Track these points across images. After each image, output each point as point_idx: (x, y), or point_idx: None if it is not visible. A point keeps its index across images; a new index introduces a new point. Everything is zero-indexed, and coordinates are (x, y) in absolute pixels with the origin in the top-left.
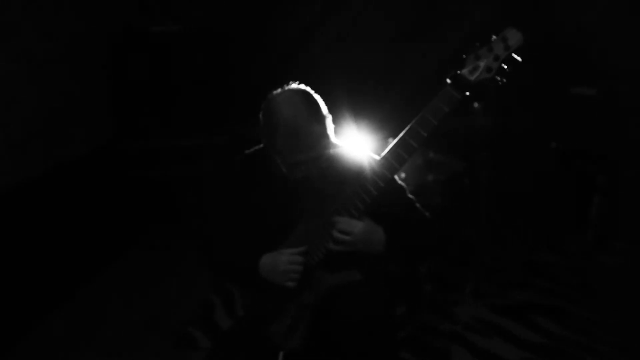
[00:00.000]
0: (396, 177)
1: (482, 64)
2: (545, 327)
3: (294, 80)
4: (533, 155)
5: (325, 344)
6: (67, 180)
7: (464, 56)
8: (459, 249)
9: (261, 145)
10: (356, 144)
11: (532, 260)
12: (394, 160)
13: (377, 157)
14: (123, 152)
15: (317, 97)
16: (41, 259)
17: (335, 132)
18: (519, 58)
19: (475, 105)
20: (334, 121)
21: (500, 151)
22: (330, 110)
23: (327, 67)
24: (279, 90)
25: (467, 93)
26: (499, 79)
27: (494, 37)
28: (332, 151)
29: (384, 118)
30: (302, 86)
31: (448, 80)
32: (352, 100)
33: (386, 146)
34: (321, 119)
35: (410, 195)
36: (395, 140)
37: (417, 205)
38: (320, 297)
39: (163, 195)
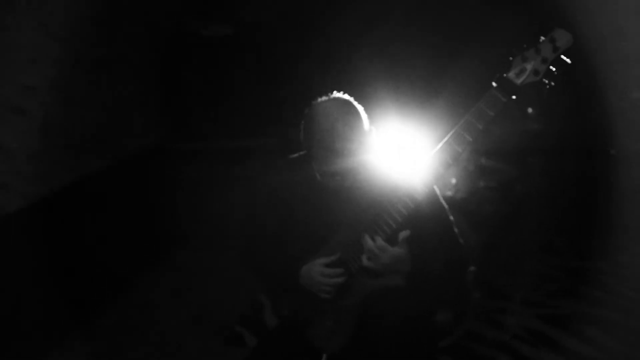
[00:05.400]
0: (438, 193)
1: (529, 66)
2: (597, 339)
3: (342, 85)
4: (590, 161)
5: (366, 347)
6: (121, 178)
7: (511, 58)
8: (510, 256)
9: (304, 151)
10: (398, 154)
11: (585, 269)
12: (439, 165)
13: (419, 166)
14: (175, 152)
15: (359, 108)
16: (92, 256)
17: (379, 140)
18: (568, 60)
19: (529, 110)
20: (379, 127)
21: (555, 157)
22: (376, 116)
23: (375, 71)
24: (323, 98)
25: (514, 97)
26: (546, 82)
27: (542, 38)
28: (369, 162)
29: (432, 122)
30: (345, 96)
31: (493, 84)
32: (400, 105)
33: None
34: (359, 130)
35: (451, 217)
36: (440, 145)
37: (455, 230)
38: (361, 301)
39: (213, 195)
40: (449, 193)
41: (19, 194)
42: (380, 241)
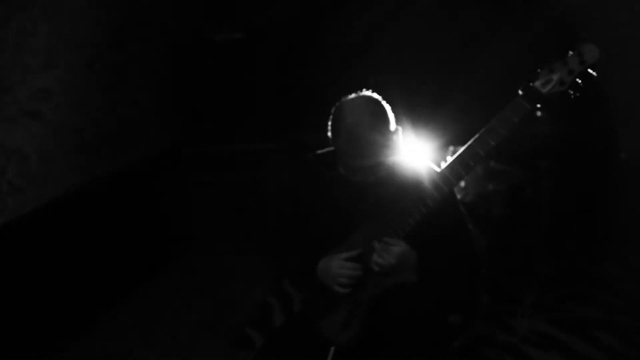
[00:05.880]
0: (458, 196)
1: (555, 77)
2: (607, 343)
3: (357, 86)
4: (600, 165)
5: (376, 341)
6: (133, 181)
7: (539, 70)
8: (519, 259)
9: (332, 148)
10: (419, 154)
11: (595, 273)
12: (461, 167)
13: (440, 168)
14: (186, 155)
15: (386, 107)
16: (104, 257)
17: (404, 140)
18: (594, 73)
19: (539, 113)
20: (405, 127)
21: (565, 160)
22: (400, 117)
23: (387, 73)
24: (352, 95)
25: (538, 105)
26: (571, 92)
27: (570, 52)
28: (392, 161)
29: (443, 126)
30: (374, 95)
31: (520, 92)
32: (412, 108)
33: (446, 154)
34: (384, 128)
35: (468, 225)
36: (463, 148)
37: (470, 234)
38: (375, 296)
39: (223, 199)
40: (458, 196)
41: (33, 197)
42: (381, 246)
